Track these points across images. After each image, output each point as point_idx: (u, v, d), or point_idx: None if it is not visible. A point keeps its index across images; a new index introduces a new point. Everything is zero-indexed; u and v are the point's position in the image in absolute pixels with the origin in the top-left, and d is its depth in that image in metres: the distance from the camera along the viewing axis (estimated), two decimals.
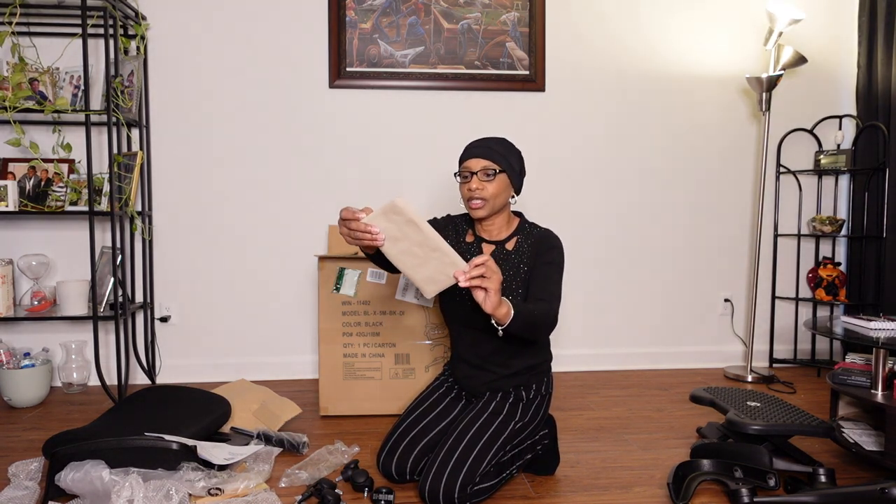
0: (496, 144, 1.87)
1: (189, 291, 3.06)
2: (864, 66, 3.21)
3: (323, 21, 3.04)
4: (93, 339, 2.85)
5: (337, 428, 2.41)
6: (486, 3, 3.10)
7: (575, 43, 3.19)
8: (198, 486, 1.69)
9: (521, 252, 1.91)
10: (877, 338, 2.01)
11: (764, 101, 3.08)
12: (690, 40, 3.25)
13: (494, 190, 1.84)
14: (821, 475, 1.82)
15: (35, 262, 2.82)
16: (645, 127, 3.26)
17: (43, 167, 2.75)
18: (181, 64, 2.99)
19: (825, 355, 3.42)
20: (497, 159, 1.84)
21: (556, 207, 3.23)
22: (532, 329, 1.71)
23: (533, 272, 1.87)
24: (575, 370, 3.28)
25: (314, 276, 3.12)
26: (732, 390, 2.25)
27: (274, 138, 3.06)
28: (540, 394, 1.93)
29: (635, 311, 3.32)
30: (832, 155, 3.24)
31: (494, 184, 1.84)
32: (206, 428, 2.13)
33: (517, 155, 1.91)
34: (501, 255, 1.92)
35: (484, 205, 1.85)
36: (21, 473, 1.82)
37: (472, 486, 1.71)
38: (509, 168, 1.86)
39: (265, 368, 3.11)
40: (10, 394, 2.65)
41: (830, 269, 3.25)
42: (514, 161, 1.89)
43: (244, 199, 3.06)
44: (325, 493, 1.71)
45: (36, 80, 2.70)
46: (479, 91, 3.14)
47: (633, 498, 1.83)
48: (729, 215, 3.36)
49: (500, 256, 1.92)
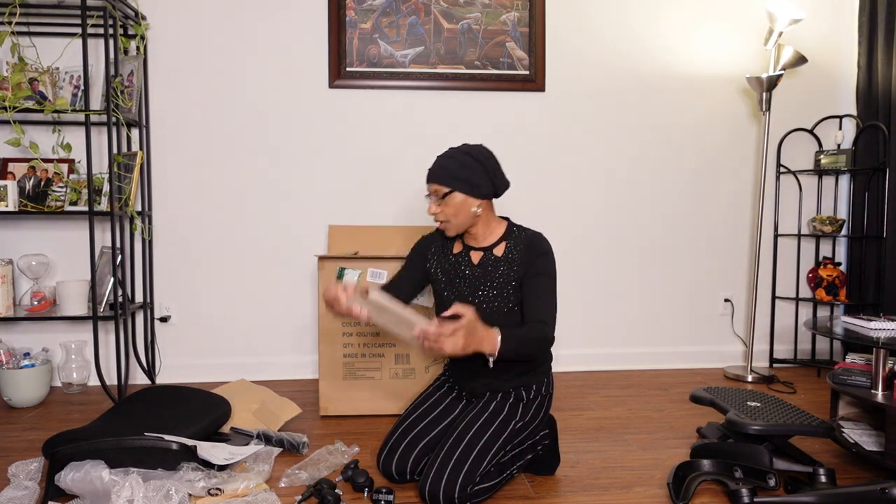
0: (449, 161, 1.83)
1: (189, 291, 3.06)
2: (865, 66, 3.21)
3: (323, 21, 3.04)
4: (93, 339, 2.85)
5: (337, 428, 2.41)
6: (486, 3, 3.10)
7: (575, 43, 3.18)
8: (198, 487, 1.69)
9: (511, 258, 1.89)
10: (877, 338, 2.01)
11: (764, 101, 3.08)
12: (690, 40, 3.25)
13: (450, 211, 1.85)
14: (821, 475, 1.81)
15: (35, 262, 2.82)
16: (645, 127, 3.26)
17: (43, 167, 2.74)
18: (181, 64, 2.99)
19: (825, 355, 3.42)
20: (445, 181, 1.82)
21: (556, 207, 3.23)
22: (526, 354, 1.74)
23: (525, 283, 1.86)
24: (575, 370, 3.27)
25: (314, 276, 3.12)
26: (732, 390, 2.25)
27: (274, 138, 3.06)
28: (540, 394, 1.92)
29: (635, 311, 3.32)
30: (832, 155, 3.24)
31: (448, 206, 1.84)
32: (206, 428, 2.13)
33: (477, 164, 1.83)
34: (490, 261, 1.91)
35: (448, 225, 1.88)
36: (21, 473, 1.82)
37: (473, 486, 1.71)
38: (462, 185, 1.82)
39: (265, 368, 3.11)
40: (10, 394, 2.65)
41: (830, 269, 3.25)
42: (469, 174, 1.82)
43: (244, 199, 3.06)
44: (325, 493, 1.71)
45: (36, 80, 2.70)
46: (479, 91, 3.14)
47: (633, 498, 1.82)
48: (729, 215, 3.36)
49: (488, 262, 1.91)
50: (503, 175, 1.91)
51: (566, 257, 3.26)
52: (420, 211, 3.15)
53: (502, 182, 1.89)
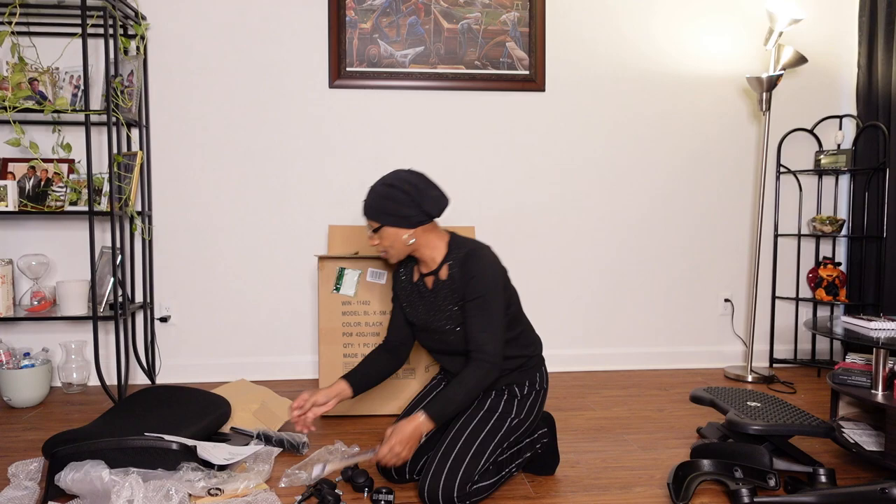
0: (373, 196, 1.84)
1: (189, 291, 3.06)
2: (865, 66, 3.21)
3: (323, 21, 3.04)
4: (92, 339, 2.85)
5: (337, 428, 2.41)
6: (486, 3, 3.10)
7: (575, 43, 3.19)
8: (198, 487, 1.69)
9: (452, 280, 1.86)
10: (877, 338, 2.01)
11: (764, 101, 3.08)
12: (690, 40, 3.25)
13: (386, 242, 1.87)
14: (821, 475, 1.81)
15: (35, 262, 2.82)
16: (644, 126, 3.26)
17: (43, 167, 2.74)
18: (181, 64, 2.99)
19: (825, 355, 3.42)
20: (373, 216, 1.85)
21: (556, 207, 3.23)
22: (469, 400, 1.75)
23: (464, 308, 1.83)
24: (575, 370, 3.27)
25: (314, 276, 3.12)
26: (732, 390, 2.25)
27: (274, 138, 3.06)
28: (534, 389, 1.92)
29: (635, 312, 3.32)
30: (832, 155, 3.24)
31: (382, 238, 1.86)
32: (206, 428, 2.13)
33: (402, 195, 1.81)
34: (438, 286, 1.90)
35: (388, 255, 1.90)
36: (21, 473, 1.82)
37: (471, 484, 1.72)
38: (389, 218, 1.82)
39: (265, 368, 3.11)
40: (10, 394, 2.65)
41: (831, 269, 3.25)
42: (395, 206, 1.81)
43: (244, 199, 3.06)
44: (325, 493, 1.71)
45: (36, 80, 2.70)
46: (479, 91, 3.14)
47: (633, 498, 1.82)
48: (729, 215, 3.35)
49: (438, 286, 1.89)
50: (436, 197, 1.85)
51: (566, 257, 3.26)
52: None
53: (434, 205, 1.84)
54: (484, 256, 1.83)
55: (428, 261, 1.91)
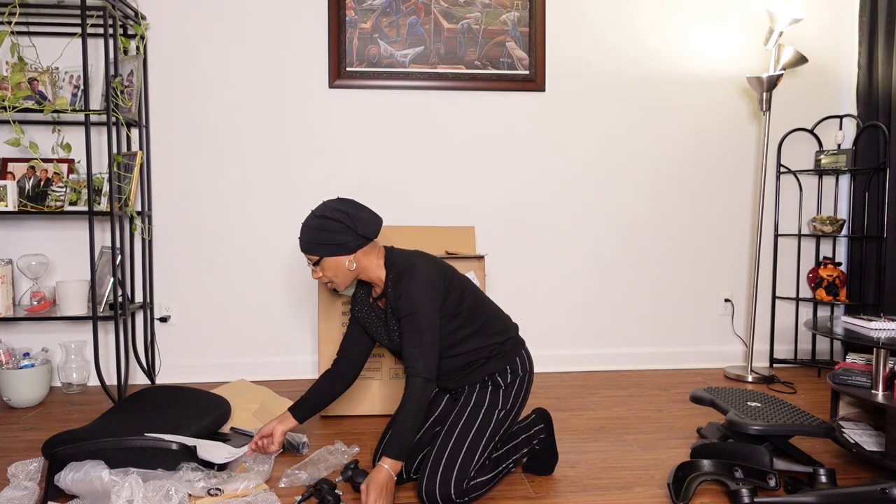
0: (307, 231, 1.83)
1: (189, 291, 3.06)
2: (865, 66, 3.21)
3: (323, 21, 3.04)
4: (92, 339, 2.85)
5: (337, 428, 2.41)
6: (486, 3, 3.09)
7: (575, 43, 3.18)
8: (197, 487, 1.69)
9: (389, 300, 1.86)
10: (877, 338, 2.01)
11: (764, 101, 3.08)
12: (691, 40, 3.25)
13: (329, 273, 1.86)
14: (821, 475, 1.81)
15: (34, 262, 2.82)
16: (645, 126, 3.26)
17: (42, 167, 2.74)
18: (181, 64, 2.99)
19: (825, 355, 3.42)
20: (310, 250, 1.83)
21: (557, 207, 3.23)
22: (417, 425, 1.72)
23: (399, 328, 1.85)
24: (575, 370, 3.27)
25: None
26: (733, 390, 2.24)
27: (274, 138, 3.06)
28: (517, 376, 1.91)
29: (635, 312, 3.32)
30: (832, 155, 3.24)
31: (324, 269, 1.85)
32: (206, 428, 2.13)
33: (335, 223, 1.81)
34: (388, 305, 1.89)
35: (334, 285, 1.89)
36: (20, 474, 1.82)
37: (468, 481, 1.73)
38: (326, 249, 1.81)
39: (265, 368, 3.11)
40: (10, 394, 2.65)
41: (831, 269, 3.25)
42: (330, 236, 1.80)
43: (244, 199, 3.06)
44: (325, 493, 1.71)
45: (35, 80, 2.70)
46: (479, 91, 3.14)
47: (633, 498, 1.82)
48: (729, 215, 3.35)
49: (388, 306, 1.89)
50: (368, 218, 1.84)
51: (566, 256, 3.26)
52: (421, 211, 3.15)
53: (369, 227, 1.84)
54: (412, 273, 1.81)
55: (376, 282, 1.90)
